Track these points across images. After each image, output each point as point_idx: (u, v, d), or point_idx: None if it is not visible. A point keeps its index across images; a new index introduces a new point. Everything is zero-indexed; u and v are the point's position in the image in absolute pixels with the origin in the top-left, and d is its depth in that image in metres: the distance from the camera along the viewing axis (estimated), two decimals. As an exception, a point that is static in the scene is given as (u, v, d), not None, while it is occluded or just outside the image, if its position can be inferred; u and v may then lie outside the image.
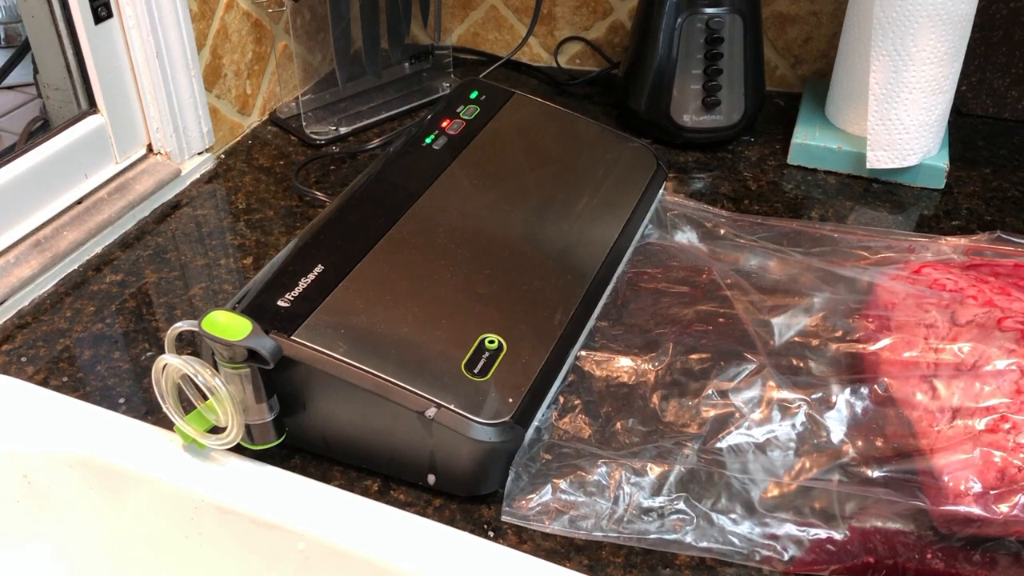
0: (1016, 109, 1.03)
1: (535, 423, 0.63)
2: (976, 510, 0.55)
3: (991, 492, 0.56)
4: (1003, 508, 0.55)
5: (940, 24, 0.84)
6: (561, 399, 0.66)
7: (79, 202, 0.86)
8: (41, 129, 0.90)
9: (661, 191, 0.86)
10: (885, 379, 0.63)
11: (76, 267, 0.83)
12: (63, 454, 0.64)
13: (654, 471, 0.60)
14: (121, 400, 0.69)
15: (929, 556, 0.56)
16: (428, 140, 0.81)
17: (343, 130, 1.02)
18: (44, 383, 0.71)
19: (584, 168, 0.82)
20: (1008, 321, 0.63)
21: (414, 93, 1.09)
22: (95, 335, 0.75)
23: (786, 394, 0.63)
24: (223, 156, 1.00)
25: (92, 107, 0.87)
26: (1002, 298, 0.65)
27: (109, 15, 0.84)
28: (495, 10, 1.17)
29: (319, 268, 0.66)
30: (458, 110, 0.86)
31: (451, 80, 1.12)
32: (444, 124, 0.83)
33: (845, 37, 0.94)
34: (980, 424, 0.58)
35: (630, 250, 0.79)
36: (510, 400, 0.60)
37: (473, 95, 0.88)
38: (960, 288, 0.68)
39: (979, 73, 1.02)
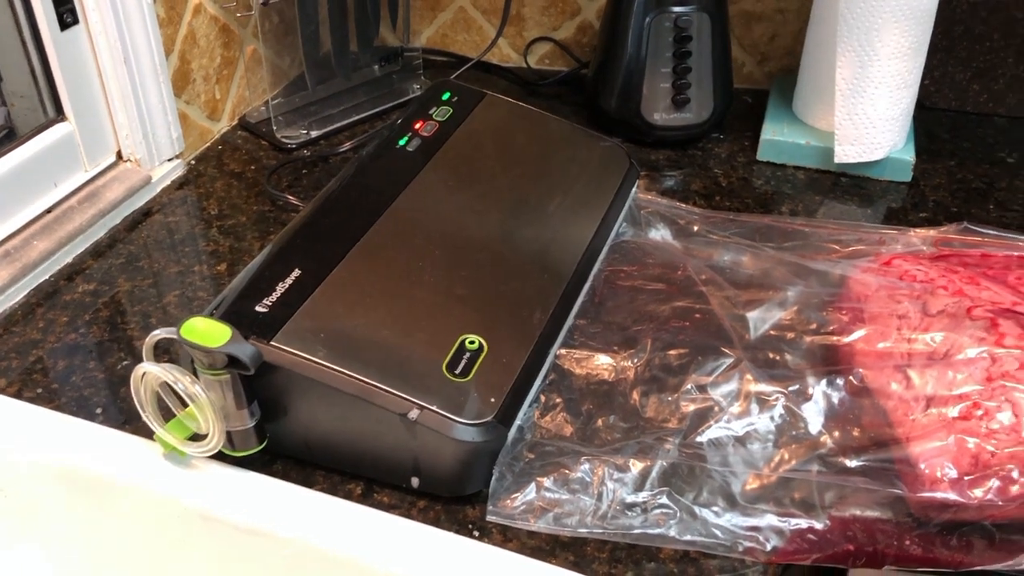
0: (978, 102, 1.05)
1: (517, 422, 0.63)
2: (952, 496, 0.57)
3: (966, 478, 0.57)
4: (977, 493, 0.56)
5: (903, 19, 0.86)
6: (542, 398, 0.66)
7: (48, 211, 0.84)
8: (7, 138, 0.88)
9: (634, 189, 0.86)
10: (860, 370, 0.64)
11: (47, 277, 0.82)
12: (41, 466, 0.63)
13: (636, 467, 0.61)
14: (98, 410, 0.69)
15: (907, 542, 0.57)
16: (402, 142, 0.81)
17: (314, 133, 1.02)
18: (18, 395, 0.70)
19: (558, 168, 0.83)
20: (977, 310, 0.64)
21: (384, 95, 1.09)
22: (69, 345, 0.74)
23: (763, 387, 0.64)
24: (194, 162, 0.99)
25: (59, 115, 0.86)
26: (971, 287, 0.67)
27: (75, 21, 0.83)
28: (464, 11, 1.17)
29: (296, 272, 0.65)
30: (431, 112, 0.86)
31: (421, 82, 1.12)
32: (417, 126, 0.84)
33: (811, 34, 0.96)
34: (953, 411, 0.59)
35: (605, 248, 0.79)
36: (492, 400, 0.61)
37: (445, 96, 0.88)
38: (930, 279, 0.69)
39: (942, 67, 1.04)
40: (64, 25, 0.82)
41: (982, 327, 0.63)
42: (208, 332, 0.57)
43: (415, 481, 0.61)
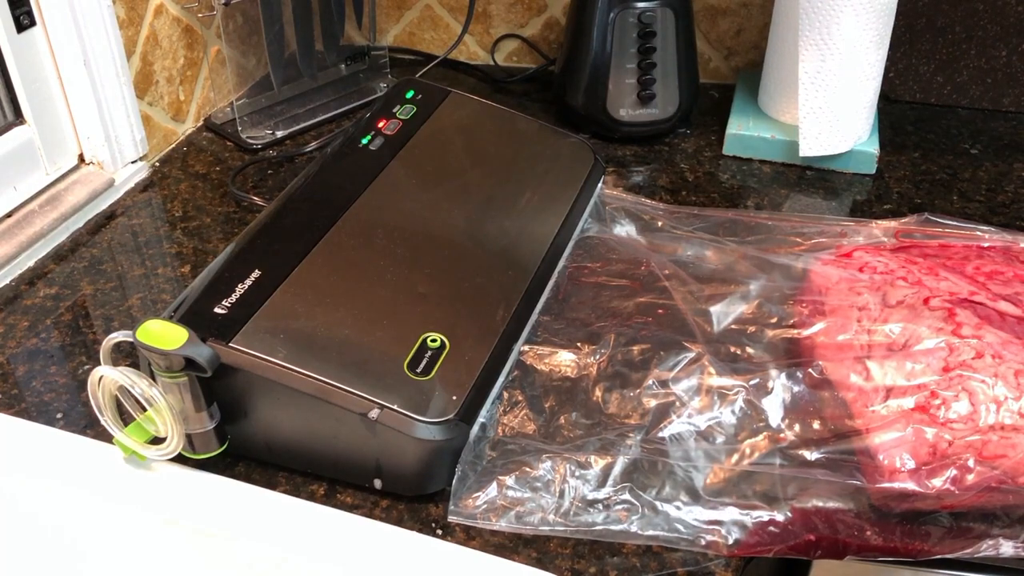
0: (942, 94, 1.06)
1: (480, 420, 0.63)
2: (910, 486, 0.57)
3: (924, 468, 0.57)
4: (935, 482, 0.57)
5: (864, 12, 0.86)
6: (505, 395, 0.66)
7: (9, 215, 0.84)
8: (-34, 142, 0.87)
9: (600, 185, 0.86)
10: (820, 362, 0.64)
11: (8, 282, 0.81)
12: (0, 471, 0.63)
13: (598, 463, 0.61)
14: (59, 415, 0.68)
15: (868, 532, 0.58)
16: (365, 141, 0.81)
17: (279, 134, 1.02)
18: (-23, 401, 0.69)
19: (523, 165, 0.83)
20: (935, 300, 0.64)
21: (351, 94, 1.09)
22: (30, 350, 0.74)
23: (725, 381, 0.64)
24: (158, 164, 0.98)
25: (18, 118, 0.85)
26: (930, 278, 0.67)
27: (32, 23, 0.82)
28: (430, 9, 1.17)
29: (256, 273, 0.65)
30: (394, 110, 0.85)
31: (388, 80, 1.12)
32: (380, 124, 0.83)
33: (774, 28, 0.96)
34: (911, 402, 0.59)
35: (570, 245, 0.79)
36: (454, 398, 0.61)
37: (409, 95, 0.88)
38: (890, 270, 0.69)
39: (905, 60, 1.04)
40: (21, 27, 0.81)
41: (940, 317, 0.63)
42: (164, 334, 0.57)
43: (378, 483, 0.61)
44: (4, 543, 0.65)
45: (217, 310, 0.62)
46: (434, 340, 0.63)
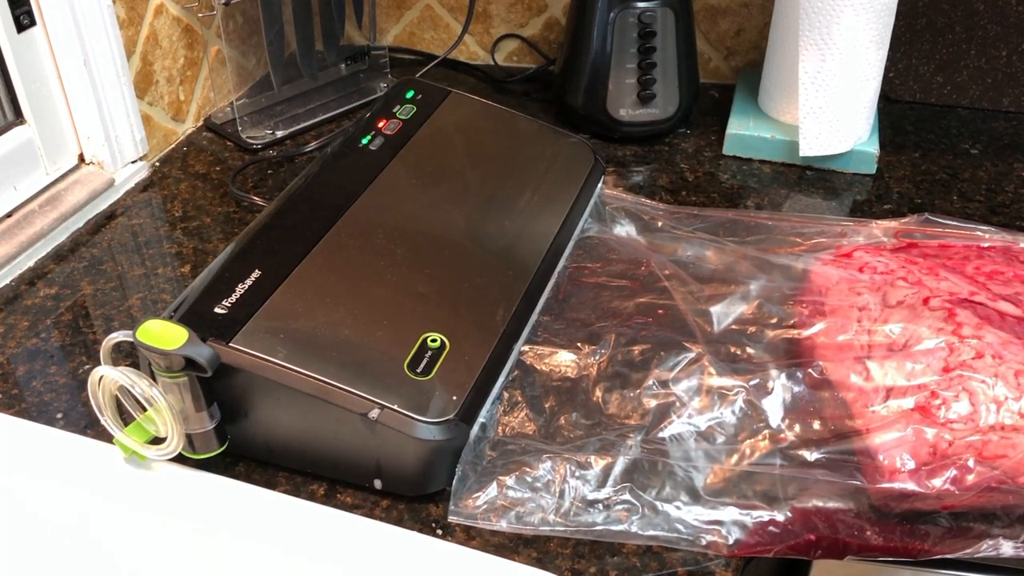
0: (942, 94, 1.06)
1: (480, 420, 0.63)
2: (910, 486, 0.57)
3: (924, 468, 0.57)
4: (935, 483, 0.57)
5: (864, 12, 0.86)
6: (505, 395, 0.66)
7: (9, 215, 0.84)
8: (-34, 142, 0.87)
9: (600, 185, 0.86)
10: (820, 363, 0.64)
11: (8, 282, 0.81)
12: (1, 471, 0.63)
13: (598, 463, 0.61)
14: (59, 415, 0.68)
15: (868, 532, 0.58)
16: (365, 141, 0.81)
17: (280, 134, 1.02)
18: (-22, 401, 0.69)
19: (523, 165, 0.83)
20: (935, 300, 0.64)
21: (351, 94, 1.09)
22: (30, 350, 0.74)
23: (725, 381, 0.64)
24: (158, 164, 0.98)
25: (18, 117, 0.85)
26: (930, 278, 0.67)
27: (32, 23, 0.82)
28: (430, 9, 1.17)
29: (256, 273, 0.65)
30: (394, 110, 0.85)
31: (388, 80, 1.12)
32: (380, 124, 0.83)
33: (774, 27, 0.96)
34: (911, 402, 0.59)
35: (570, 245, 0.79)
36: (454, 398, 0.61)
37: (409, 94, 0.88)
38: (891, 270, 0.69)
39: (905, 60, 1.04)
40: (21, 27, 0.81)
41: (940, 317, 0.63)
42: (164, 334, 0.57)
43: (378, 483, 0.61)
44: (4, 543, 0.65)
45: (217, 310, 0.62)
46: (434, 340, 0.63)
